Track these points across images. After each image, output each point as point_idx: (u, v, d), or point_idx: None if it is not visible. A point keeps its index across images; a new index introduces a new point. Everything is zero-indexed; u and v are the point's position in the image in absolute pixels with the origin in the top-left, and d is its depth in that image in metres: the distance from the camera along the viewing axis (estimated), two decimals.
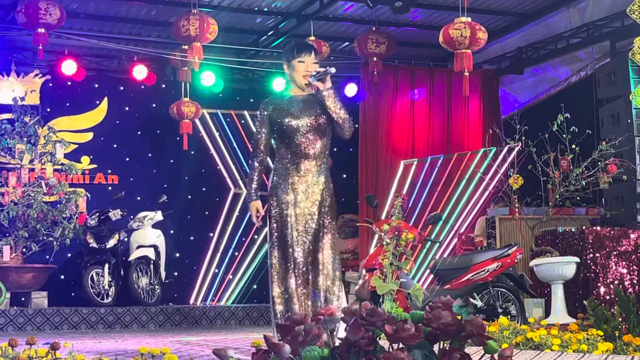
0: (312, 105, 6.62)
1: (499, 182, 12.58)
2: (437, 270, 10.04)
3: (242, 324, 13.23)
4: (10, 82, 14.18)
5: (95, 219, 13.29)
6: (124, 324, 12.54)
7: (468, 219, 13.60)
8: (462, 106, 15.04)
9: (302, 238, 6.31)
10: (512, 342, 7.38)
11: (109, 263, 13.09)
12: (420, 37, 14.84)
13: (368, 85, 14.73)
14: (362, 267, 10.10)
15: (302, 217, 6.37)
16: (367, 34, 13.30)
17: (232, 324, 13.17)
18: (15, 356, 4.18)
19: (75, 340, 8.99)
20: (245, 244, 15.42)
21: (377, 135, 14.79)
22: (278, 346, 2.59)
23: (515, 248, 9.97)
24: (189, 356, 5.42)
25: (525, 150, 11.74)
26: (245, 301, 14.99)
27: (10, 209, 12.85)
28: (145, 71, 14.79)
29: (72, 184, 13.90)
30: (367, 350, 2.54)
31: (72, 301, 13.65)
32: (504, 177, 12.51)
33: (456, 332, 2.57)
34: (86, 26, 14.02)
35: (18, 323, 11.87)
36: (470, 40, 10.89)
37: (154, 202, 13.94)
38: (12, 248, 12.87)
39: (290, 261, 6.20)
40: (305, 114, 6.62)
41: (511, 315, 9.55)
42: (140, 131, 15.35)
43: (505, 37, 14.68)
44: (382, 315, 2.58)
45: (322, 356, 2.60)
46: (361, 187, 14.69)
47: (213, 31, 11.65)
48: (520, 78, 15.21)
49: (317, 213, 6.45)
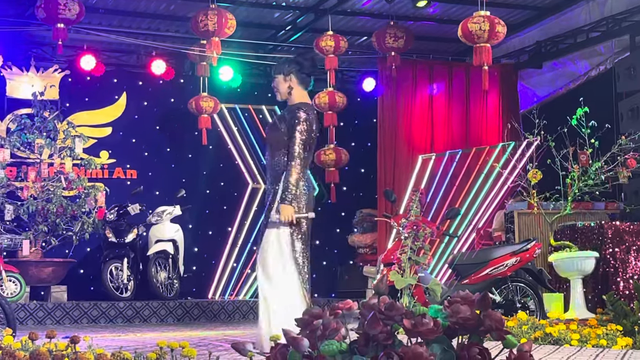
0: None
1: (517, 176, 12.53)
2: (455, 265, 10.02)
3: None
4: (30, 77, 14.25)
5: (114, 214, 13.34)
6: (143, 317, 12.59)
7: (486, 213, 13.56)
8: (480, 100, 14.99)
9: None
10: (530, 337, 7.36)
11: (127, 257, 13.14)
12: (439, 31, 14.80)
13: (386, 80, 14.71)
14: (380, 262, 10.09)
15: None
16: (385, 29, 13.28)
17: (251, 318, 13.19)
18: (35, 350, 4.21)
19: (95, 334, 9.04)
20: None
21: (396, 130, 14.77)
22: (297, 340, 2.59)
23: (534, 243, 9.93)
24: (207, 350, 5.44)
25: (544, 145, 11.70)
26: None
27: (30, 204, 12.92)
28: (164, 66, 14.82)
29: (91, 178, 13.97)
30: (386, 345, 2.54)
31: (91, 295, 13.72)
32: (523, 171, 12.45)
33: (475, 326, 2.56)
34: (105, 21, 14.06)
35: (38, 317, 11.94)
36: (489, 34, 10.86)
37: (173, 197, 13.97)
38: (32, 242, 12.94)
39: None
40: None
41: (530, 310, 9.52)
42: (158, 126, 15.39)
43: (524, 31, 14.62)
44: (401, 309, 2.58)
45: (340, 350, 2.60)
46: (379, 182, 14.67)
47: (231, 26, 11.67)
48: (539, 72, 15.15)
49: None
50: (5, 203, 12.93)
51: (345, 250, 15.82)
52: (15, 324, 7.66)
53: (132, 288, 13.11)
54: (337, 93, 14.29)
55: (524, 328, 7.75)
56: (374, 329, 2.56)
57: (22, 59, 14.30)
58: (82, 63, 14.23)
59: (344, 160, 14.80)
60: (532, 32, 14.59)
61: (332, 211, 15.90)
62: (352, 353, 2.61)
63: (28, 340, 5.68)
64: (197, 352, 5.04)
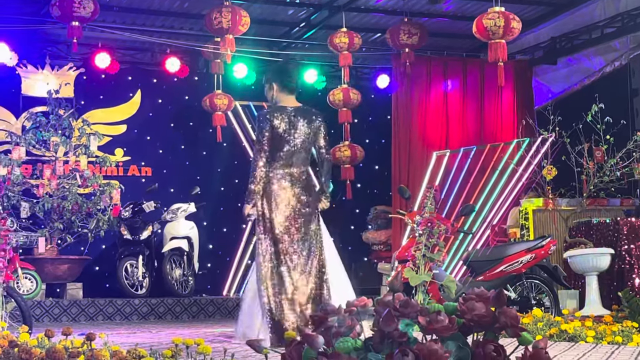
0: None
1: (532, 173, 12.52)
2: (470, 262, 10.01)
3: None
4: (45, 75, 14.30)
5: (129, 211, 13.38)
6: (158, 315, 12.63)
7: (501, 210, 13.54)
8: (495, 97, 14.96)
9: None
10: (546, 334, 7.35)
11: (142, 254, 13.18)
12: (453, 28, 14.77)
13: (400, 77, 14.69)
14: (395, 259, 10.10)
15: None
16: (399, 25, 13.27)
17: None
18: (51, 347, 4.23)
19: (110, 331, 9.07)
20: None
21: (410, 127, 14.75)
22: (311, 337, 2.60)
23: (549, 239, 9.92)
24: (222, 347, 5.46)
25: (559, 141, 11.68)
26: None
27: (46, 201, 12.97)
28: (178, 64, 14.85)
29: (106, 176, 14.01)
30: (401, 342, 2.55)
31: (106, 292, 13.76)
32: (538, 168, 12.44)
33: (490, 323, 2.56)
34: (119, 19, 14.10)
35: (54, 314, 11.99)
36: (504, 30, 10.84)
37: (187, 194, 14.00)
38: (48, 240, 12.99)
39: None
40: None
41: (545, 306, 9.51)
42: (173, 123, 15.42)
43: (538, 27, 14.57)
44: (416, 306, 2.58)
45: (355, 347, 2.60)
46: (394, 179, 14.66)
47: (245, 23, 11.68)
48: (554, 68, 15.11)
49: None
50: (21, 201, 12.98)
51: (359, 247, 15.82)
52: (31, 321, 7.70)
53: (147, 285, 13.14)
54: (351, 90, 14.29)
55: (539, 325, 7.74)
56: (389, 326, 2.56)
57: (37, 57, 14.35)
58: (97, 61, 14.27)
59: (359, 157, 14.80)
60: (547, 28, 14.54)
61: (347, 208, 15.91)
62: (367, 350, 2.61)
63: (44, 338, 5.71)
64: (212, 349, 5.05)
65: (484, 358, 2.50)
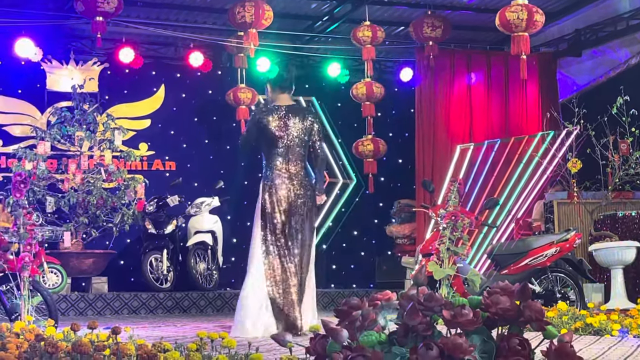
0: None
1: (557, 166, 12.46)
2: (494, 256, 9.98)
3: None
4: (70, 70, 14.38)
5: (153, 205, 13.43)
6: (183, 308, 12.68)
7: (525, 203, 13.48)
8: (519, 90, 14.88)
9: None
10: (571, 328, 7.33)
11: (167, 248, 13.23)
12: (477, 21, 14.71)
13: (424, 70, 14.65)
14: (419, 253, 10.08)
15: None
16: (422, 18, 13.22)
17: None
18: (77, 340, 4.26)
19: (135, 324, 9.12)
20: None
21: (434, 120, 14.71)
22: (336, 331, 2.60)
23: (574, 232, 9.87)
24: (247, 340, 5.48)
25: (584, 134, 11.63)
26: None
27: (71, 196, 13.05)
28: (202, 58, 14.88)
29: (131, 170, 14.07)
30: (425, 335, 2.55)
31: (131, 286, 13.82)
32: (562, 161, 12.38)
33: (515, 317, 2.56)
34: (143, 14, 14.14)
35: (79, 308, 12.07)
36: (527, 23, 10.78)
37: (211, 188, 14.03)
38: (73, 234, 13.07)
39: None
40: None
41: (570, 300, 9.46)
42: (197, 118, 15.46)
43: (562, 19, 14.48)
44: (440, 300, 2.57)
45: (379, 341, 2.60)
46: (418, 172, 14.63)
47: (268, 17, 11.69)
48: (579, 61, 15.01)
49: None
50: (47, 195, 13.06)
51: (383, 240, 15.80)
52: (57, 315, 7.75)
53: (172, 279, 13.20)
54: (374, 83, 14.26)
55: (564, 318, 7.71)
56: (413, 319, 2.56)
57: (62, 52, 14.42)
58: (121, 56, 14.32)
59: (382, 150, 14.77)
60: (571, 20, 14.44)
61: (370, 202, 15.90)
62: (391, 344, 2.61)
63: (70, 331, 5.75)
64: (237, 342, 5.07)
65: (509, 352, 2.50)
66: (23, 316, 7.28)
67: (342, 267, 16.20)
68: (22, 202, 7.56)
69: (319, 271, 15.65)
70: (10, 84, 14.17)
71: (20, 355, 4.30)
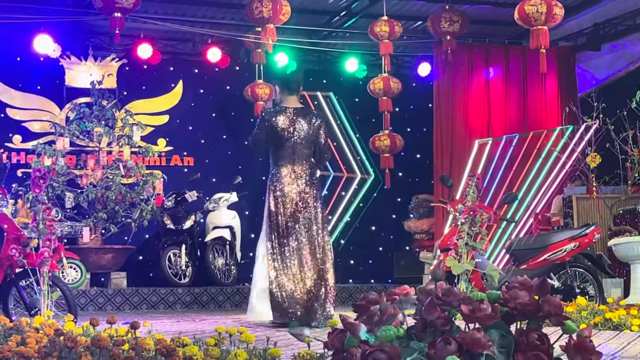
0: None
1: (576, 160, 12.40)
2: (513, 250, 9.96)
3: None
4: (88, 66, 14.43)
5: (171, 201, 13.46)
6: (201, 303, 12.70)
7: (544, 198, 13.44)
8: (538, 84, 14.83)
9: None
10: (590, 323, 7.30)
11: (185, 244, 13.26)
12: (495, 15, 14.65)
13: (442, 65, 14.61)
14: (437, 248, 10.08)
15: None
16: (440, 13, 13.18)
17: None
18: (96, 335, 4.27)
19: (154, 319, 9.15)
20: None
21: (452, 115, 14.68)
22: (354, 325, 2.60)
23: (593, 227, 9.83)
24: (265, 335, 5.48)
25: (603, 128, 11.56)
26: None
27: (90, 191, 13.10)
28: (220, 54, 14.90)
29: (149, 166, 14.12)
30: (443, 330, 2.54)
31: (150, 281, 13.86)
32: (581, 155, 12.33)
33: (533, 312, 2.55)
34: (161, 10, 14.17)
35: (98, 303, 12.12)
36: (546, 17, 10.74)
37: (229, 184, 14.05)
38: (92, 229, 13.13)
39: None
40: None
41: (589, 295, 9.43)
42: (215, 113, 15.48)
43: (581, 13, 14.40)
44: (458, 295, 2.57)
45: (397, 336, 2.60)
46: (436, 167, 14.61)
47: (286, 12, 11.68)
48: (598, 54, 14.94)
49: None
50: (66, 191, 13.12)
51: (401, 236, 15.79)
52: (76, 310, 7.79)
53: (190, 274, 13.23)
54: (391, 78, 14.24)
55: (583, 313, 7.68)
56: (432, 314, 2.56)
57: (81, 48, 14.48)
58: (139, 52, 14.36)
59: (399, 145, 14.74)
60: (590, 14, 14.37)
61: (388, 197, 15.88)
62: (410, 339, 2.61)
63: (89, 326, 5.78)
64: (255, 337, 5.07)
65: (528, 347, 2.49)
66: (42, 311, 7.32)
67: (360, 263, 16.20)
68: (41, 197, 7.60)
69: (337, 266, 15.71)
70: (30, 80, 14.24)
71: (40, 350, 4.33)
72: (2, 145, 13.87)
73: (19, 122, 14.15)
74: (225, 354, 4.24)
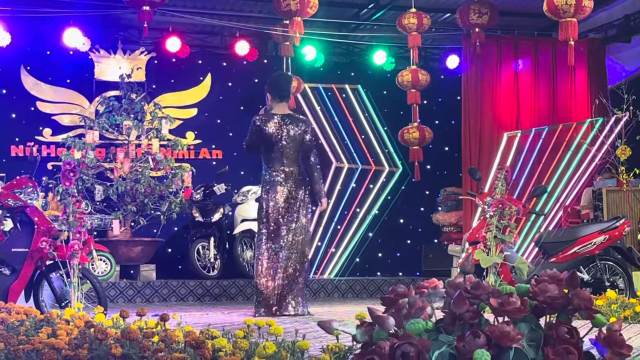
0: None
1: (605, 153, 12.32)
2: (542, 243, 9.90)
3: (345, 297, 13.31)
4: (117, 59, 14.51)
5: (200, 194, 13.50)
6: (230, 296, 12.74)
7: (574, 191, 13.36)
8: (567, 76, 14.73)
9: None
10: (620, 316, 7.25)
11: (214, 236, 13.30)
12: (524, 7, 14.56)
13: (470, 57, 14.55)
14: (466, 240, 10.04)
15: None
16: (468, 5, 13.13)
17: (335, 296, 13.26)
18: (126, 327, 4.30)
19: (183, 312, 9.19)
20: (347, 217, 15.49)
21: (480, 108, 14.61)
22: (382, 318, 2.60)
23: (623, 220, 9.76)
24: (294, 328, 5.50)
25: (633, 120, 11.48)
26: (348, 274, 15.08)
27: (119, 184, 13.18)
28: (248, 47, 14.93)
29: (178, 159, 14.18)
30: (472, 324, 2.54)
31: (179, 274, 13.93)
32: (611, 148, 12.24)
33: (563, 305, 2.54)
34: (189, 3, 14.21)
35: (128, 295, 12.19)
36: (575, 9, 10.66)
37: (257, 177, 14.05)
38: (121, 222, 13.20)
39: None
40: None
41: (619, 288, 9.37)
42: (243, 106, 15.50)
43: (612, 4, 14.28)
44: (487, 288, 2.56)
45: (426, 329, 2.60)
46: (464, 160, 14.56)
47: (314, 5, 11.68)
48: (628, 46, 14.81)
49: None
50: (95, 184, 13.21)
51: (429, 228, 15.76)
52: (106, 302, 7.84)
53: (219, 267, 13.27)
54: (420, 71, 14.20)
55: (613, 307, 7.63)
56: (460, 307, 2.55)
57: (110, 42, 14.56)
58: (168, 45, 14.42)
59: (428, 138, 14.71)
60: (620, 5, 14.25)
61: (416, 190, 15.86)
62: (438, 332, 2.61)
63: (119, 318, 5.81)
64: (284, 329, 5.09)
65: (557, 340, 2.48)
66: (73, 303, 7.38)
67: (388, 255, 16.20)
68: (71, 190, 7.65)
69: (366, 259, 15.71)
70: (59, 73, 14.34)
71: (70, 342, 4.36)
72: (33, 138, 13.99)
73: (49, 115, 14.25)
74: (254, 346, 4.25)
